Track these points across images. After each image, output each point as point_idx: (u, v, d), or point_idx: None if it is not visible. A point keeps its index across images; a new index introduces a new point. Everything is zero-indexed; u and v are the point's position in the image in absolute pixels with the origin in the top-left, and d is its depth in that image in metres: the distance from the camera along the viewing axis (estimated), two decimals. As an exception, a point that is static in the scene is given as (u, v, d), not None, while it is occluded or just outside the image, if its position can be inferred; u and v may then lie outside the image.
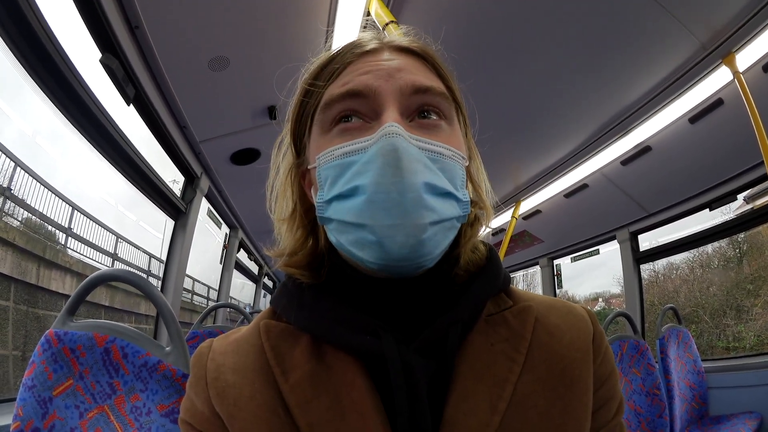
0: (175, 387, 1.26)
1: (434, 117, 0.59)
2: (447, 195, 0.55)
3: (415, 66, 0.61)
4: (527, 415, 0.54)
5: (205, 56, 2.20)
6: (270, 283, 7.83)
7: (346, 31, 2.09)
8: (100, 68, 1.89)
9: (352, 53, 0.61)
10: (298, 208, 0.67)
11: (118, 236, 5.90)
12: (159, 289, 2.82)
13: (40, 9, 1.54)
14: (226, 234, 4.70)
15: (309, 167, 0.62)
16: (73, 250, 4.85)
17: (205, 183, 3.32)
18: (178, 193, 3.11)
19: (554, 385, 0.57)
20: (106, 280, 1.34)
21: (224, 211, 4.20)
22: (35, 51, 1.62)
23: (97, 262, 5.25)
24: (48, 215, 4.40)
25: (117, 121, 2.20)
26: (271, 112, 2.68)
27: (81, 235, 5.03)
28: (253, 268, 6.47)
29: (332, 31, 2.09)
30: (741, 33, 2.17)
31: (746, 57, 2.31)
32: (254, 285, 7.08)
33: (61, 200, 4.55)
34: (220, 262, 4.67)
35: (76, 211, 4.87)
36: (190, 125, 2.69)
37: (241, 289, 7.80)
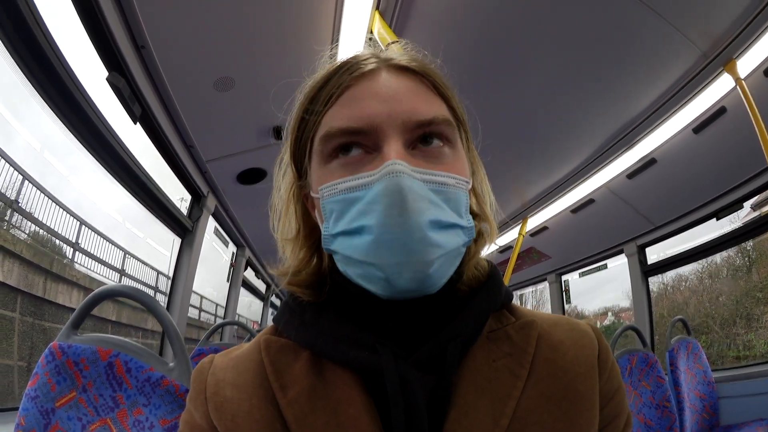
0: (178, 402, 1.26)
1: (438, 143, 0.58)
2: (452, 226, 0.55)
3: (416, 89, 0.59)
4: (530, 430, 0.54)
5: (210, 76, 2.23)
6: (278, 302, 7.82)
7: (349, 51, 2.09)
8: (107, 86, 1.92)
9: (350, 76, 0.59)
10: (301, 230, 0.67)
11: (126, 252, 5.93)
12: (165, 306, 2.84)
13: (48, 28, 1.58)
14: (233, 253, 4.72)
15: (312, 194, 0.62)
16: (80, 264, 4.88)
17: (211, 202, 3.34)
18: (185, 211, 3.13)
19: (558, 401, 0.56)
20: (111, 295, 1.35)
21: (231, 230, 4.22)
22: (43, 68, 1.65)
23: (104, 276, 5.28)
24: (56, 229, 4.44)
25: (124, 140, 2.22)
26: (277, 132, 2.70)
27: (88, 250, 5.06)
28: (261, 286, 6.48)
29: (336, 52, 2.10)
30: (741, 39, 2.16)
31: (747, 63, 2.29)
32: (261, 303, 7.08)
33: (69, 215, 4.59)
34: (227, 281, 4.68)
35: (84, 226, 4.91)
36: (196, 144, 2.72)
37: (249, 307, 7.81)
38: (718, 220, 3.38)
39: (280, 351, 0.61)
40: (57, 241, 4.52)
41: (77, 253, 4.86)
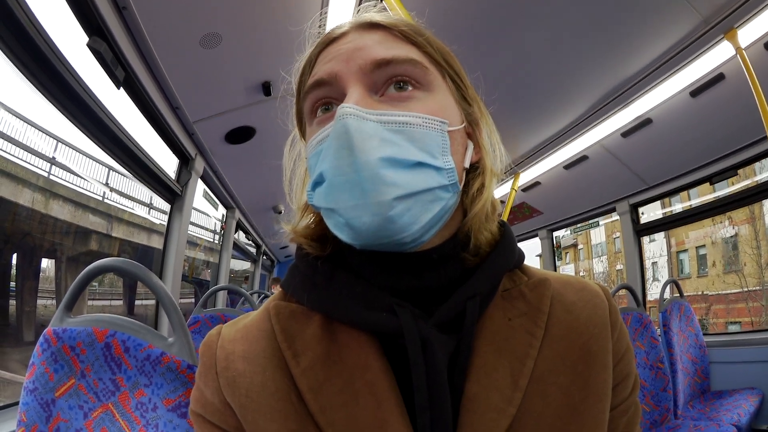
0: (181, 380, 1.22)
1: (407, 87, 0.57)
2: (418, 165, 0.53)
3: (381, 40, 0.59)
4: (548, 391, 0.54)
5: (196, 33, 2.13)
6: (268, 262, 7.82)
7: (340, 4, 2.02)
8: (88, 52, 1.83)
9: (322, 43, 0.62)
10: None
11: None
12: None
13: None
14: (223, 215, 4.67)
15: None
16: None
17: (200, 164, 3.28)
18: (172, 175, 3.06)
19: (574, 361, 0.57)
20: (103, 271, 1.30)
21: (220, 192, 4.17)
22: (20, 39, 1.56)
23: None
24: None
25: (108, 106, 2.14)
26: (266, 88, 2.63)
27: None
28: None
29: (326, 1, 2.02)
30: (743, 9, 2.14)
31: (748, 33, 2.29)
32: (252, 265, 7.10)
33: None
34: (219, 243, 4.65)
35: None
36: (182, 106, 2.64)
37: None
38: (711, 184, 3.40)
39: (290, 317, 0.59)
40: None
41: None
